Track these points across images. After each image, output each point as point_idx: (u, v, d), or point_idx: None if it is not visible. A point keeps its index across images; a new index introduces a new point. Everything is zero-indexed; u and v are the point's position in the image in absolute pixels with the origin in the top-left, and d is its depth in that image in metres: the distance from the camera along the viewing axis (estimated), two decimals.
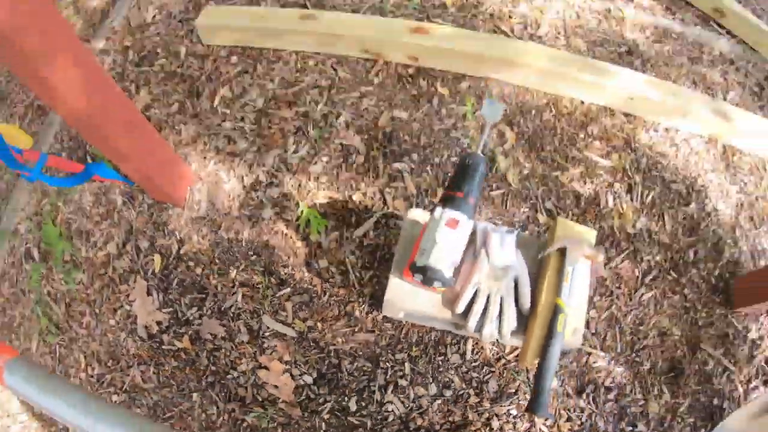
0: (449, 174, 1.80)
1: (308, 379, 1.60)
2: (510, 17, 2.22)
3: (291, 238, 1.76)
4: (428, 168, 1.82)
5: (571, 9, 2.32)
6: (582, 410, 1.57)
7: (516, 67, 1.97)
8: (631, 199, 1.85)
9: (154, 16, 2.34)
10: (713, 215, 1.89)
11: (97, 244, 1.82)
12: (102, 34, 2.32)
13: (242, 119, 1.97)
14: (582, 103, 2.02)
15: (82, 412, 0.56)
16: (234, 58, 2.12)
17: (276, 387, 1.59)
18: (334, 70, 2.05)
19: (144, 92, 2.08)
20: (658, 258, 1.78)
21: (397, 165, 1.81)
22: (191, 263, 1.75)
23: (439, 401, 1.57)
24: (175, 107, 2.03)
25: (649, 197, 1.86)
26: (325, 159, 1.85)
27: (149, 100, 2.06)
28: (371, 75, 2.03)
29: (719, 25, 2.57)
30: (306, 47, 2.10)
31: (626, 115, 2.03)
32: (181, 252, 1.76)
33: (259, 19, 2.09)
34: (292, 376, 1.59)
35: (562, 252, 1.26)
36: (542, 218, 1.77)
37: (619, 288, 1.72)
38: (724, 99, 2.23)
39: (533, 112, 1.98)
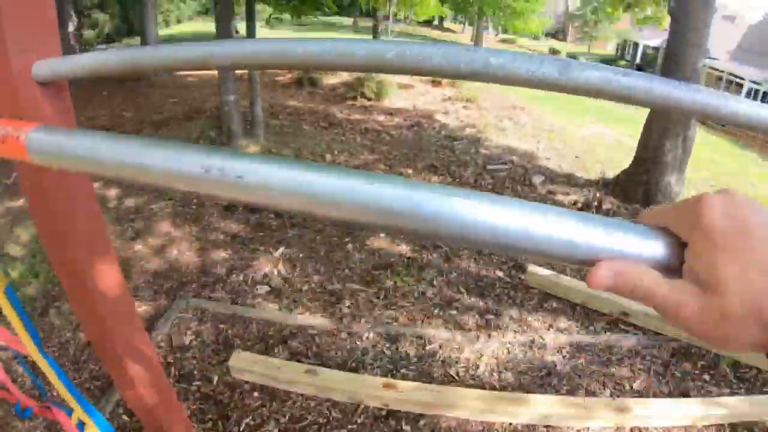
0: None
1: None
2: (456, 362, 3.14)
3: None
4: None
5: (503, 346, 3.23)
6: None
7: (458, 407, 2.78)
8: None
9: (191, 341, 3.26)
10: None
11: None
12: None
13: None
14: (510, 424, 2.74)
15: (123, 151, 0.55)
16: (255, 394, 2.90)
17: None
18: (329, 411, 2.86)
19: (184, 407, 2.73)
20: None
21: None
22: None
23: None
24: (210, 424, 2.71)
25: None
26: None
27: (188, 413, 2.71)
28: (355, 416, 2.84)
29: (626, 324, 3.39)
30: (308, 392, 2.95)
31: (546, 426, 2.71)
32: None
33: (275, 369, 2.98)
34: None
35: None
36: None
37: None
38: (632, 388, 2.90)
39: None
